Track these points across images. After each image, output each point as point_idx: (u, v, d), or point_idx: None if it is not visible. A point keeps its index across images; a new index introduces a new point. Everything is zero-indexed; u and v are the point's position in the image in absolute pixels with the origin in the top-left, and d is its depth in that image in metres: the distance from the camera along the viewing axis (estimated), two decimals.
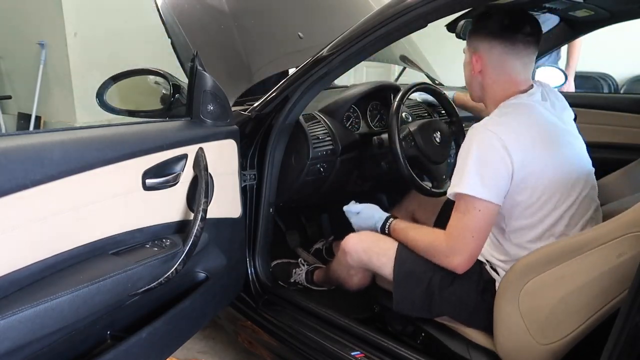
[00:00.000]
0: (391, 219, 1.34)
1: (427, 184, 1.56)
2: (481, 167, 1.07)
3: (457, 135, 1.70)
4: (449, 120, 1.73)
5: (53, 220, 0.87)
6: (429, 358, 1.14)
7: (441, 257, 1.14)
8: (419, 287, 1.21)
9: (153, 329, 1.07)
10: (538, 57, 1.55)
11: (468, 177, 1.07)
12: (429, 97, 1.82)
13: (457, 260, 1.11)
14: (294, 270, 1.71)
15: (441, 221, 1.58)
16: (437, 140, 1.59)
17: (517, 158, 1.06)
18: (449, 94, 1.76)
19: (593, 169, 1.22)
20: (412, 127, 1.58)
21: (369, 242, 1.34)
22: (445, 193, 1.57)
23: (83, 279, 0.88)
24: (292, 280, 1.70)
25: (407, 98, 1.57)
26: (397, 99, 1.52)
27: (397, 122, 1.49)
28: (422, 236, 1.21)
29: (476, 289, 1.18)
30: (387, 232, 1.32)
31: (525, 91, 1.18)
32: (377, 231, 1.35)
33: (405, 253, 1.25)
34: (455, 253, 1.10)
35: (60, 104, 4.09)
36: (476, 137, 1.10)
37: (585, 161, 1.21)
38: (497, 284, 1.16)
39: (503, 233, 1.17)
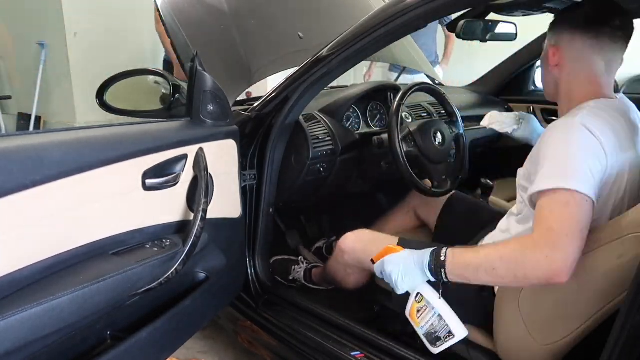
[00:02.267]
0: (444, 249, 1.00)
1: (427, 184, 1.56)
2: (584, 162, 0.92)
3: (457, 136, 1.70)
4: (449, 121, 1.73)
5: (53, 221, 0.87)
6: (429, 358, 1.14)
7: (537, 260, 0.87)
8: None
9: (153, 329, 1.07)
10: None
11: (571, 170, 0.91)
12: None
13: (561, 259, 0.85)
14: (293, 268, 1.71)
15: (443, 219, 1.58)
16: (438, 140, 1.59)
17: (610, 161, 0.95)
18: None
19: None
20: (412, 127, 1.58)
21: (367, 241, 1.34)
22: (445, 193, 1.58)
23: (83, 279, 0.88)
24: (290, 278, 1.70)
25: (407, 98, 1.57)
26: (397, 99, 1.52)
27: (397, 122, 1.49)
28: (502, 246, 0.96)
29: (474, 285, 1.18)
30: (444, 264, 0.98)
31: (607, 98, 1.05)
32: (428, 277, 1.01)
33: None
34: (558, 249, 0.86)
35: (60, 104, 4.09)
36: (572, 131, 0.96)
37: None
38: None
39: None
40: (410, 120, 1.80)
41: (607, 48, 1.04)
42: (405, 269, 1.01)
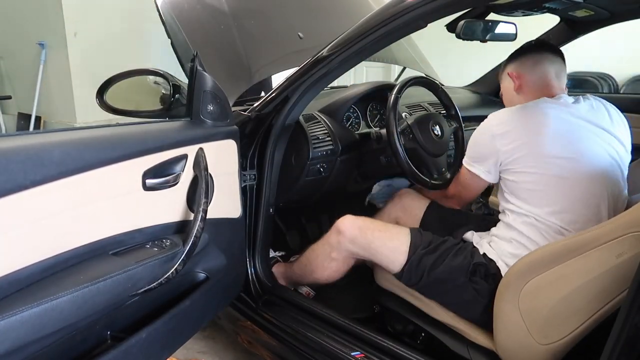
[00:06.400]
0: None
1: (427, 177, 1.56)
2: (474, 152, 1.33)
3: (456, 129, 1.70)
4: (447, 114, 1.73)
5: (53, 221, 0.87)
6: (429, 358, 1.14)
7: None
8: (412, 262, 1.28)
9: (153, 329, 1.06)
10: None
11: (469, 156, 1.34)
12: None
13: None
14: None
15: (426, 226, 1.55)
16: (436, 133, 1.59)
17: (504, 144, 1.23)
18: None
19: (615, 171, 1.23)
20: (410, 121, 1.58)
21: (366, 225, 1.36)
22: (444, 185, 1.58)
23: (83, 279, 0.88)
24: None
25: (404, 91, 1.56)
26: (394, 92, 1.52)
27: (394, 116, 1.49)
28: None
29: (467, 270, 1.21)
30: None
31: (553, 96, 1.29)
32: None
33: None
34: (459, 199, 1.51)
35: (60, 104, 4.09)
36: (479, 126, 1.31)
37: (605, 162, 1.22)
38: (492, 264, 1.20)
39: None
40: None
41: (552, 59, 1.33)
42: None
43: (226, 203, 1.27)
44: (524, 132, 1.22)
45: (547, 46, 1.38)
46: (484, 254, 1.24)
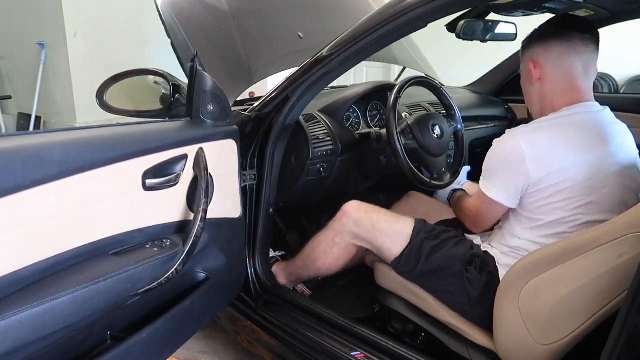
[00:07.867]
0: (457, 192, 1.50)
1: (427, 177, 1.56)
2: (498, 172, 1.16)
3: (455, 129, 1.70)
4: (447, 114, 1.73)
5: (53, 221, 0.87)
6: (429, 358, 1.14)
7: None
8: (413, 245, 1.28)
9: (153, 329, 1.06)
10: None
11: (488, 178, 1.18)
12: None
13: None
14: None
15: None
16: (436, 133, 1.59)
17: (535, 168, 1.09)
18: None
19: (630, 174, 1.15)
20: (410, 121, 1.58)
21: (372, 209, 1.38)
22: (445, 185, 1.59)
23: (83, 279, 0.88)
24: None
25: (404, 91, 1.56)
26: (394, 92, 1.52)
27: (394, 116, 1.49)
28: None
29: (464, 259, 1.22)
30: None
31: (583, 102, 1.14)
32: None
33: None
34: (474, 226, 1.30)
35: (60, 104, 4.09)
36: (502, 143, 1.16)
37: (617, 165, 1.13)
38: (490, 262, 1.20)
39: (519, 223, 1.19)
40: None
41: (581, 50, 1.12)
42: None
43: (226, 203, 1.27)
44: (557, 158, 1.08)
45: (577, 25, 1.13)
46: (485, 251, 1.25)
